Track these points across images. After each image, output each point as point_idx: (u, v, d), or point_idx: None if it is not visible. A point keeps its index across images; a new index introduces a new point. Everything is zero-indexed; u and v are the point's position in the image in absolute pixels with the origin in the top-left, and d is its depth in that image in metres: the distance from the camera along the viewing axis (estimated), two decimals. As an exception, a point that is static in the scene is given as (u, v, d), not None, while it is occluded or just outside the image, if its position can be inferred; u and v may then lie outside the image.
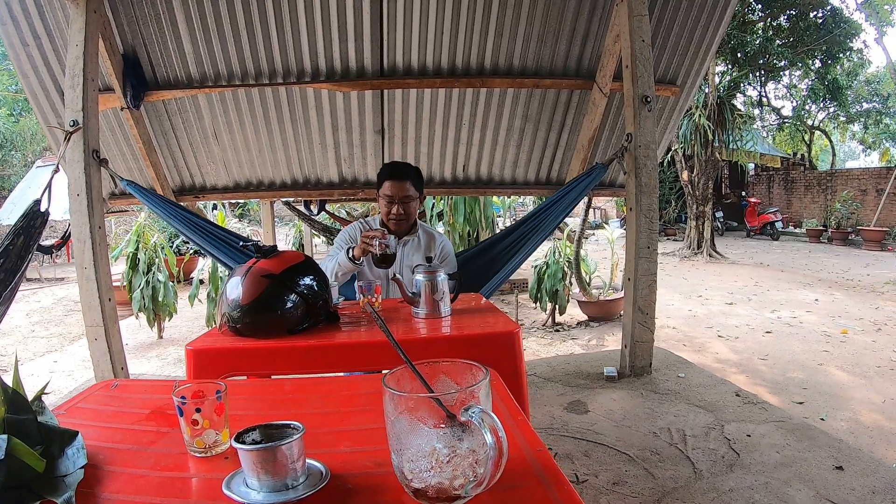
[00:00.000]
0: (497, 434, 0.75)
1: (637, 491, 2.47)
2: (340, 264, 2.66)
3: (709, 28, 4.59)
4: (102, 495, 0.90)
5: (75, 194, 3.53)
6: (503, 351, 1.88)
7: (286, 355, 1.85)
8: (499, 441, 0.75)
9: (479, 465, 0.78)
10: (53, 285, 11.47)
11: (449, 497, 0.79)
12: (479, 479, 0.78)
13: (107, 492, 0.91)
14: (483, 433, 0.75)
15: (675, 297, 8.59)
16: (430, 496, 0.79)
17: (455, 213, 7.75)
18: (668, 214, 19.06)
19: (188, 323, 7.63)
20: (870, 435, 3.64)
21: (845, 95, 18.58)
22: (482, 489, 0.79)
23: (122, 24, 4.14)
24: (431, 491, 0.79)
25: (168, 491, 0.93)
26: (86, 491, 0.90)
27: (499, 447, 0.75)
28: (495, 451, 0.75)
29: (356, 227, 3.00)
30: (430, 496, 0.79)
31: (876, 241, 13.80)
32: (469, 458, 0.78)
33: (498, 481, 0.78)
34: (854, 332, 6.19)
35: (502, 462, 0.76)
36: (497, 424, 0.75)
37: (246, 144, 5.03)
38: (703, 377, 3.87)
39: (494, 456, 0.75)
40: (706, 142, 12.43)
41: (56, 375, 5.53)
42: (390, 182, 2.85)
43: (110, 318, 3.61)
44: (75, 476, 0.91)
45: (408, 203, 2.87)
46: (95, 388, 1.45)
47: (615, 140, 5.12)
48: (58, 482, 0.88)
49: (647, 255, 3.83)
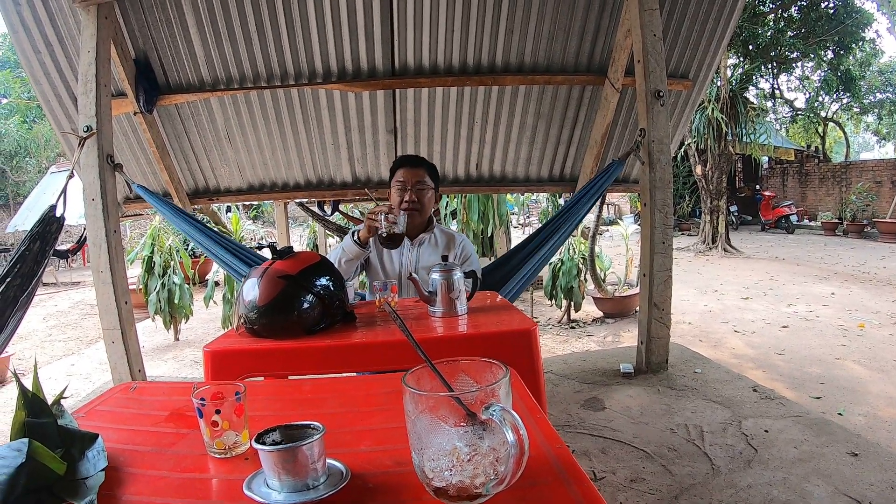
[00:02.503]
0: (518, 432, 0.74)
1: (655, 488, 2.46)
2: (345, 249, 2.52)
3: (720, 21, 4.55)
4: (123, 497, 0.91)
5: (90, 199, 3.55)
6: (520, 349, 1.87)
7: (303, 356, 1.85)
8: (520, 439, 0.74)
9: (499, 464, 0.78)
10: (70, 289, 11.59)
11: (470, 496, 0.79)
12: (501, 478, 0.77)
13: (127, 493, 0.92)
14: (504, 431, 0.75)
15: (690, 292, 8.53)
16: (451, 495, 0.79)
17: (469, 212, 7.73)
18: (683, 209, 18.95)
19: (204, 325, 7.68)
20: (888, 429, 3.59)
21: (858, 86, 18.37)
22: (503, 487, 0.78)
23: (133, 29, 4.16)
24: (452, 490, 0.78)
25: (188, 492, 0.93)
26: (107, 493, 0.90)
27: (520, 445, 0.74)
28: (517, 450, 0.74)
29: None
30: (451, 495, 0.79)
31: (892, 233, 13.62)
32: (490, 457, 0.78)
33: (518, 479, 0.78)
34: (871, 325, 6.12)
35: (524, 460, 0.75)
36: (518, 422, 0.75)
37: (259, 146, 5.05)
38: (719, 373, 3.84)
39: (516, 454, 0.74)
40: (719, 135, 12.35)
41: (74, 378, 5.59)
42: (403, 169, 2.72)
43: (127, 321, 3.63)
44: (96, 478, 0.91)
45: (422, 191, 2.70)
46: (114, 390, 1.46)
47: (628, 135, 5.09)
48: (79, 485, 0.89)
49: (662, 251, 3.80)
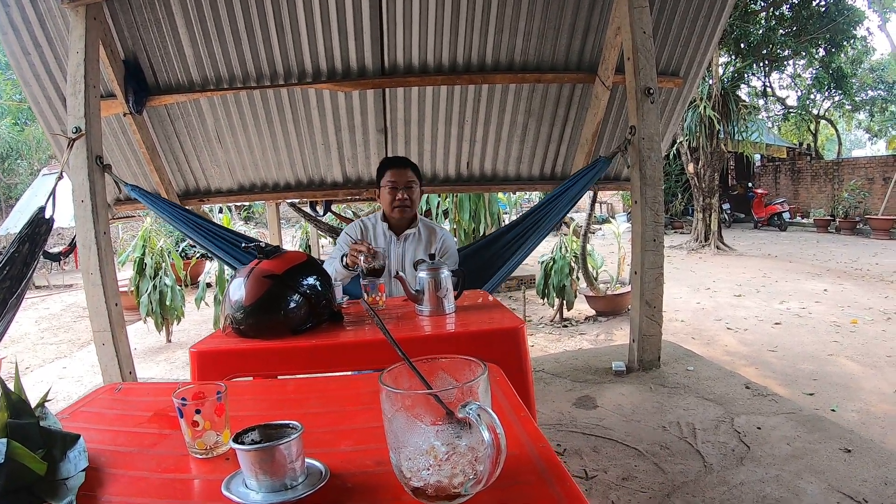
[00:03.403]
0: (495, 431, 0.74)
1: (647, 486, 2.46)
2: (338, 271, 2.76)
3: (710, 18, 4.56)
4: (103, 498, 0.90)
5: (79, 200, 3.54)
6: (508, 347, 1.87)
7: (290, 355, 1.84)
8: (496, 438, 0.74)
9: (478, 463, 0.77)
10: (62, 292, 11.54)
11: (448, 495, 0.78)
12: (479, 477, 0.77)
13: (108, 494, 0.91)
14: (480, 430, 0.74)
15: (682, 290, 8.55)
16: (429, 495, 0.78)
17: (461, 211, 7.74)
18: (675, 207, 18.99)
19: (196, 326, 7.65)
20: (881, 425, 3.60)
21: (850, 84, 18.43)
22: (482, 487, 0.78)
23: (122, 30, 4.14)
24: (431, 489, 0.78)
25: (169, 493, 0.93)
26: (87, 494, 0.90)
27: (496, 444, 0.74)
28: (493, 449, 0.74)
29: (356, 227, 3.07)
30: (429, 495, 0.78)
31: (884, 229, 13.70)
32: (468, 456, 0.77)
33: (500, 478, 0.77)
34: (864, 321, 6.14)
35: (500, 459, 0.75)
36: (495, 421, 0.74)
37: (249, 147, 5.04)
38: (712, 370, 3.85)
39: (492, 453, 0.74)
40: (711, 133, 12.37)
41: (65, 381, 5.56)
42: (393, 170, 2.97)
43: (117, 323, 3.62)
44: (77, 479, 0.91)
45: (411, 188, 2.96)
46: (99, 392, 1.45)
47: (619, 133, 5.10)
48: (59, 485, 0.88)
49: (654, 248, 3.81)
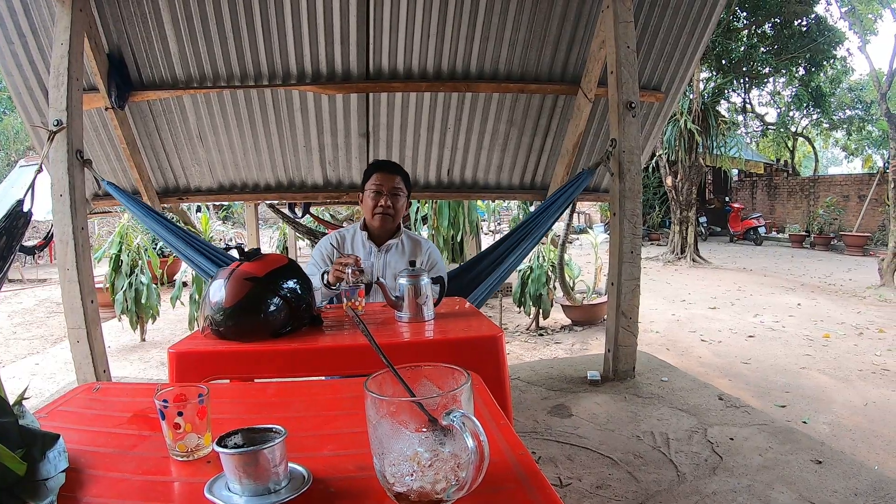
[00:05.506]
0: (479, 438, 0.75)
1: (620, 494, 2.49)
2: (318, 289, 2.45)
3: (694, 35, 4.64)
4: (84, 499, 0.90)
5: (58, 195, 3.49)
6: (486, 355, 1.88)
7: (269, 359, 1.84)
8: (480, 445, 0.75)
9: (461, 469, 0.79)
10: (36, 286, 11.33)
11: (431, 501, 0.79)
12: (461, 484, 0.78)
13: (88, 496, 0.91)
14: (464, 437, 0.76)
15: (658, 301, 8.64)
16: (412, 500, 0.80)
17: (440, 217, 7.73)
18: (653, 219, 19.22)
19: (171, 325, 7.57)
20: (851, 437, 3.68)
21: (828, 102, 18.84)
22: (464, 493, 0.79)
23: (107, 23, 4.10)
24: (413, 495, 0.79)
25: (150, 495, 0.93)
26: (67, 495, 0.89)
27: (480, 451, 0.75)
28: (476, 456, 0.75)
29: (328, 242, 2.85)
30: (412, 500, 0.80)
31: (858, 246, 14.02)
32: (451, 462, 0.78)
33: (480, 485, 0.79)
34: (836, 336, 6.26)
35: (484, 466, 0.76)
36: (479, 428, 0.76)
37: (231, 146, 5.00)
38: (686, 381, 3.90)
39: (476, 460, 0.75)
40: (690, 147, 12.56)
41: (38, 378, 5.46)
42: (380, 173, 2.75)
43: (92, 321, 3.57)
44: (57, 480, 0.90)
45: (396, 196, 2.74)
46: (77, 391, 1.44)
47: (600, 145, 5.15)
48: (39, 486, 0.88)
49: (631, 260, 3.85)
